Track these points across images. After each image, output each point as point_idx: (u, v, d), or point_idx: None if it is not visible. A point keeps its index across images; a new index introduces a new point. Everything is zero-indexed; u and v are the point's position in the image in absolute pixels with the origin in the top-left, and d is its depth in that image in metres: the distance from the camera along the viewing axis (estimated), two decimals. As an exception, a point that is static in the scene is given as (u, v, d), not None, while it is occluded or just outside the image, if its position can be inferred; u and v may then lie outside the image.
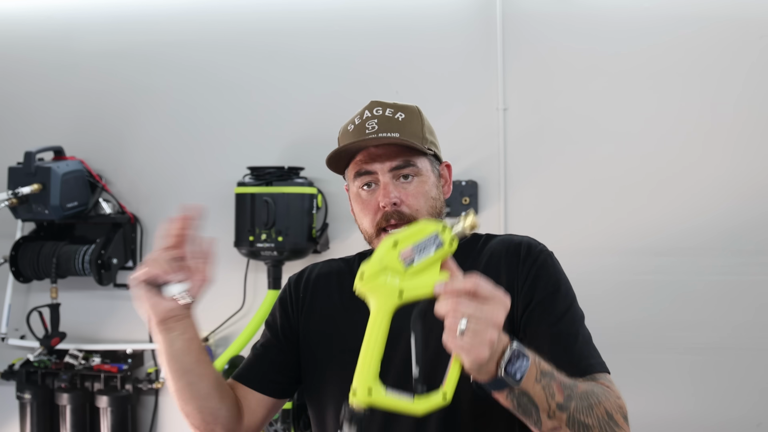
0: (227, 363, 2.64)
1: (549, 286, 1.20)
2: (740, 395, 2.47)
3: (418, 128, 1.26)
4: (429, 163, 1.26)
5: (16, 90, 3.00)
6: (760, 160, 2.47)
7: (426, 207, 1.23)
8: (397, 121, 1.24)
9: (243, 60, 2.82)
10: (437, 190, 1.27)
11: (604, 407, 1.03)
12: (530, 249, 1.24)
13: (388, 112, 1.26)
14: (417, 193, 1.23)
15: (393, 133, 1.22)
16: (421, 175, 1.24)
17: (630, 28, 2.55)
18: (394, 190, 1.21)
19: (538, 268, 1.22)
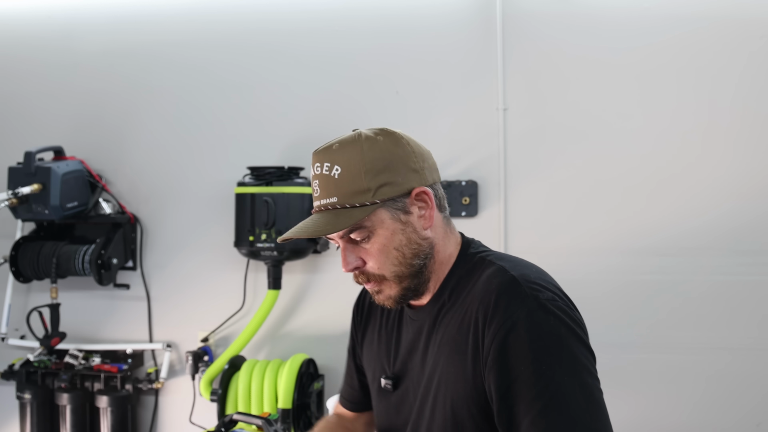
0: (227, 363, 2.64)
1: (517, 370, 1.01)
2: (740, 395, 2.47)
3: (359, 180, 1.12)
4: (384, 211, 1.12)
5: (16, 90, 3.00)
6: (760, 160, 2.47)
7: (389, 261, 1.14)
8: (333, 180, 1.14)
9: (243, 59, 2.82)
10: (402, 235, 1.13)
11: None
12: (492, 312, 1.05)
13: (325, 169, 1.16)
14: (374, 252, 1.14)
15: (331, 198, 1.13)
16: (375, 231, 1.13)
17: (630, 27, 2.55)
18: (351, 254, 1.15)
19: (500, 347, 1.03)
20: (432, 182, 1.19)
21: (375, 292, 1.18)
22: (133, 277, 2.89)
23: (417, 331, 1.21)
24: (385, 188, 1.12)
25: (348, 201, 1.12)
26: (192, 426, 2.79)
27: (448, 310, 1.15)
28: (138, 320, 2.88)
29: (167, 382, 2.84)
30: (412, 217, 1.15)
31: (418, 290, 1.17)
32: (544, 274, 1.13)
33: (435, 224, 1.17)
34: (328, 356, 2.73)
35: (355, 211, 1.11)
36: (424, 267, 1.16)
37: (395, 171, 1.14)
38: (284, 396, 2.48)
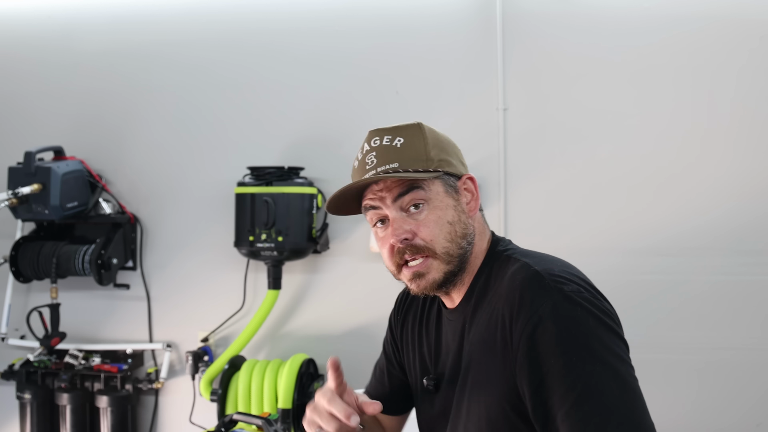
0: (227, 363, 2.64)
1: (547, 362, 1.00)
2: (740, 395, 2.47)
3: (421, 149, 1.14)
4: (441, 184, 1.14)
5: (16, 90, 3.00)
6: (761, 160, 2.47)
7: (442, 234, 1.13)
8: (395, 149, 1.15)
9: (243, 59, 2.82)
10: (455, 211, 1.14)
11: None
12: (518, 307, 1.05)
13: (385, 141, 1.18)
14: (428, 221, 1.12)
15: (392, 164, 1.13)
16: (431, 201, 1.13)
17: (630, 27, 2.55)
18: (403, 224, 1.13)
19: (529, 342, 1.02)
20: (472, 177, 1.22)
21: (418, 275, 1.15)
22: (133, 277, 2.89)
23: (454, 332, 1.21)
24: (444, 162, 1.15)
25: (410, 165, 1.13)
26: (192, 426, 2.79)
27: (477, 309, 1.15)
28: (138, 320, 2.88)
29: (167, 382, 2.84)
30: (462, 199, 1.17)
31: (456, 278, 1.16)
32: (569, 267, 1.11)
33: (475, 217, 1.19)
34: (328, 356, 2.69)
35: (417, 174, 1.12)
36: (468, 253, 1.16)
37: (451, 155, 1.18)
38: (284, 396, 2.48)
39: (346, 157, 2.73)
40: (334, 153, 2.74)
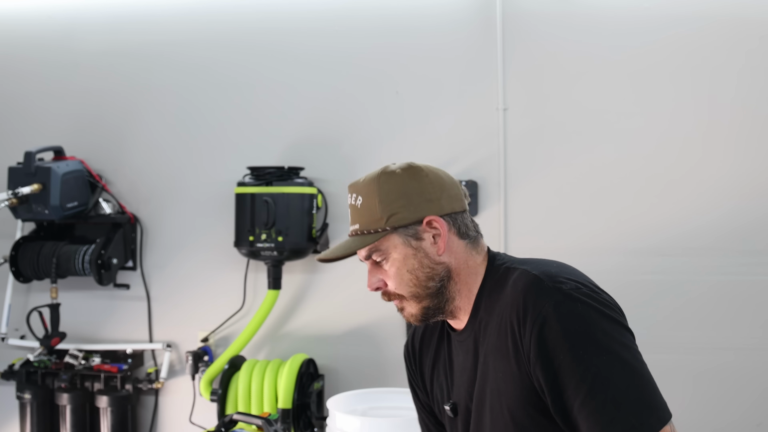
0: (227, 363, 2.64)
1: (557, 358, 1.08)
2: (740, 395, 2.47)
3: (373, 209, 1.25)
4: (396, 236, 1.23)
5: (16, 89, 3.00)
6: (761, 160, 2.47)
7: (404, 282, 1.24)
8: (357, 209, 1.29)
9: (243, 59, 2.82)
10: (414, 259, 1.22)
11: None
12: (523, 312, 1.12)
13: (352, 199, 1.30)
14: (391, 274, 1.25)
15: (355, 225, 1.28)
16: (390, 255, 1.24)
17: (630, 27, 2.55)
18: (372, 277, 1.28)
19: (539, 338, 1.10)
20: (450, 211, 1.26)
21: (399, 309, 1.28)
22: (133, 277, 2.89)
23: (466, 351, 1.28)
24: (395, 217, 1.23)
25: (366, 228, 1.26)
26: (192, 426, 2.79)
27: (486, 323, 1.22)
28: (138, 320, 2.88)
29: (167, 382, 2.84)
30: (425, 243, 1.23)
31: (441, 309, 1.26)
32: (566, 268, 1.19)
33: (453, 249, 1.25)
34: (328, 356, 2.73)
35: (369, 237, 1.25)
36: (443, 288, 1.24)
37: (408, 201, 1.24)
38: (284, 396, 2.48)
39: (346, 157, 2.74)
40: (334, 153, 2.74)
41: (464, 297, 1.26)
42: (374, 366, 2.70)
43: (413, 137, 2.69)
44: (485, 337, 1.22)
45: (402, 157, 2.75)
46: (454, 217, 1.26)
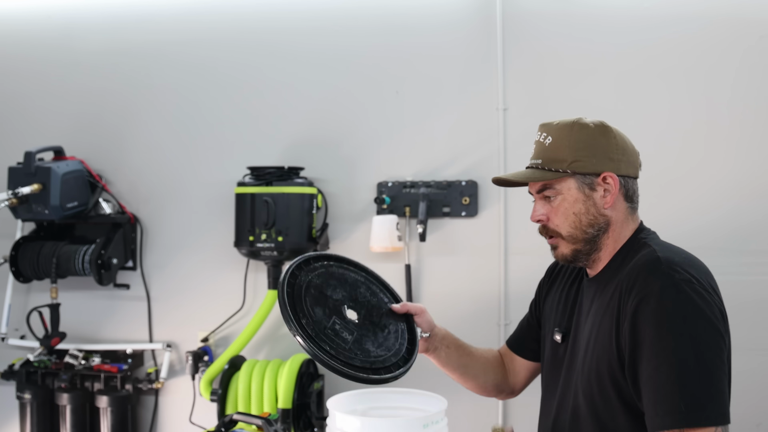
0: (227, 363, 2.64)
1: (645, 330, 1.24)
2: (740, 395, 2.46)
3: (562, 149, 1.40)
4: (574, 181, 1.40)
5: (16, 89, 3.00)
6: (761, 160, 2.47)
7: (567, 223, 1.41)
8: (544, 146, 1.43)
9: (243, 59, 2.82)
10: (583, 205, 1.40)
11: None
12: (637, 280, 1.28)
13: (541, 137, 1.45)
14: (558, 211, 1.42)
15: (538, 160, 1.43)
16: (562, 194, 1.41)
17: (630, 27, 2.55)
18: (540, 209, 1.46)
19: (638, 310, 1.26)
20: (625, 174, 1.43)
21: (552, 247, 1.46)
22: (133, 277, 2.88)
23: (588, 297, 1.46)
24: (577, 163, 1.39)
25: (548, 164, 1.41)
26: (192, 426, 2.79)
27: (609, 281, 1.39)
28: (138, 320, 2.88)
29: (167, 382, 2.84)
30: (596, 194, 1.40)
31: (589, 255, 1.43)
32: (692, 261, 1.35)
33: (616, 207, 1.41)
34: (328, 356, 2.73)
35: (550, 174, 1.41)
36: (597, 237, 1.41)
37: (593, 154, 1.39)
38: (284, 396, 2.48)
39: (346, 157, 2.74)
40: (334, 153, 2.74)
41: (607, 252, 1.42)
42: (374, 366, 2.70)
43: (413, 137, 2.69)
44: (603, 293, 1.38)
45: (402, 156, 2.77)
46: (627, 180, 1.43)
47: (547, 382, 1.55)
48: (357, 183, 2.72)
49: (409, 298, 2.64)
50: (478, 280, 2.63)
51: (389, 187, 2.68)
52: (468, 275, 2.64)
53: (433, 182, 2.65)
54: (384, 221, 2.59)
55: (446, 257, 2.66)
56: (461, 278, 2.64)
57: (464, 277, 2.64)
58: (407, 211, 2.64)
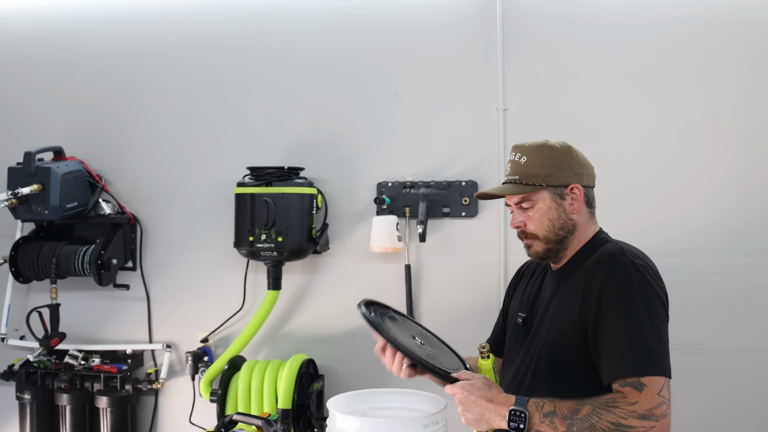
0: (227, 363, 2.64)
1: (607, 301, 1.49)
2: (740, 395, 2.47)
3: (536, 166, 1.65)
4: (547, 192, 1.65)
5: (16, 90, 3.00)
6: (760, 160, 2.47)
7: (542, 227, 1.65)
8: (520, 164, 1.67)
9: (243, 59, 2.82)
10: (555, 212, 1.65)
11: (607, 421, 1.39)
12: (602, 265, 1.54)
13: (516, 156, 1.69)
14: (536, 217, 1.66)
15: (515, 176, 1.67)
16: (537, 203, 1.65)
17: (630, 27, 2.55)
18: (518, 216, 1.69)
19: (602, 285, 1.51)
20: (587, 184, 1.70)
21: (527, 246, 1.69)
22: (133, 278, 2.88)
23: (551, 286, 1.71)
24: (550, 177, 1.65)
25: (525, 180, 1.66)
26: (192, 426, 2.79)
27: (574, 270, 1.64)
28: (138, 321, 2.88)
29: (167, 382, 2.84)
30: (565, 202, 1.66)
31: (557, 253, 1.67)
32: (644, 255, 1.59)
33: (581, 213, 1.68)
34: (328, 356, 2.73)
35: (528, 187, 1.65)
36: (565, 238, 1.66)
37: (561, 169, 1.66)
38: (284, 396, 2.47)
39: (346, 158, 2.74)
40: (334, 153, 2.74)
41: (572, 249, 1.68)
42: (374, 366, 2.69)
43: (413, 137, 2.69)
44: (568, 279, 1.64)
45: (402, 157, 2.77)
46: (588, 190, 1.71)
47: (509, 359, 1.78)
48: (357, 183, 2.72)
49: (409, 299, 2.64)
50: (478, 280, 2.62)
51: (389, 187, 2.68)
52: (468, 275, 2.64)
53: (433, 182, 2.65)
54: (384, 221, 2.58)
55: (446, 257, 2.66)
56: (461, 278, 2.64)
57: (464, 277, 2.64)
58: (407, 211, 2.64)
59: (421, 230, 2.53)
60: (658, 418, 1.39)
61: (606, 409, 1.40)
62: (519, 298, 1.85)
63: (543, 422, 1.42)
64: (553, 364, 1.60)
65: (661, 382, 1.43)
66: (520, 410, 1.44)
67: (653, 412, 1.39)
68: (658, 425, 1.39)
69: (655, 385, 1.41)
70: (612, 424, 1.38)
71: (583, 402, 1.42)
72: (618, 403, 1.40)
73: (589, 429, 1.39)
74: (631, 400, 1.40)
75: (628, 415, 1.39)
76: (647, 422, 1.39)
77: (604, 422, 1.39)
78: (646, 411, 1.39)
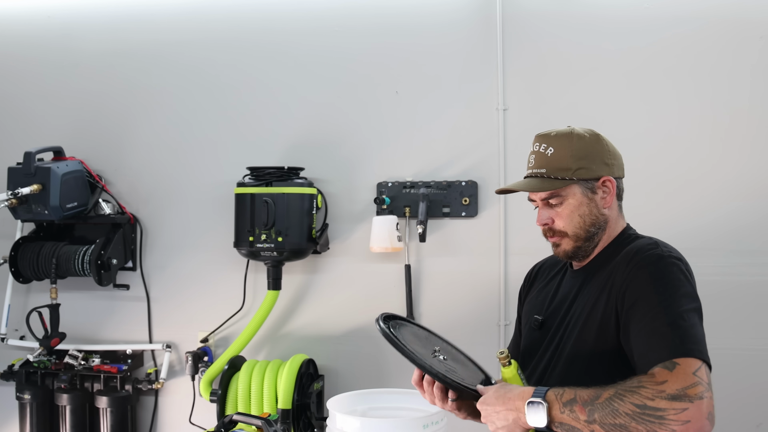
0: (227, 363, 2.64)
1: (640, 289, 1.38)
2: (740, 395, 2.47)
3: (565, 158, 1.52)
4: (578, 186, 1.52)
5: (16, 90, 3.00)
6: (760, 160, 2.47)
7: (572, 224, 1.53)
8: (546, 156, 1.54)
9: (243, 60, 2.82)
10: (587, 207, 1.52)
11: (630, 403, 1.23)
12: (634, 256, 1.44)
13: (541, 148, 1.55)
14: (563, 214, 1.53)
15: (541, 169, 1.54)
16: (567, 199, 1.52)
17: (630, 27, 2.55)
18: (545, 213, 1.55)
19: (634, 275, 1.40)
20: (618, 176, 1.57)
21: (555, 245, 1.57)
22: (133, 278, 2.88)
23: (572, 286, 1.58)
24: (581, 171, 1.51)
25: (553, 173, 1.52)
26: (192, 426, 2.79)
27: (601, 267, 1.52)
28: (138, 321, 2.88)
29: (167, 382, 2.84)
30: (597, 196, 1.53)
31: (587, 251, 1.55)
32: (678, 252, 1.47)
33: (612, 207, 1.56)
34: (328, 356, 2.73)
35: (557, 182, 1.51)
36: (596, 235, 1.54)
37: (592, 161, 1.53)
38: (284, 396, 2.47)
39: (346, 158, 2.74)
40: (334, 153, 2.74)
41: (600, 246, 1.56)
42: (374, 366, 2.70)
43: (413, 137, 2.69)
44: (595, 277, 1.51)
45: (402, 157, 2.77)
46: (619, 181, 1.58)
47: (527, 364, 1.64)
48: (357, 183, 2.72)
49: (409, 299, 2.64)
50: (478, 280, 2.63)
51: (389, 187, 2.68)
52: (468, 275, 2.64)
53: (433, 182, 2.65)
54: (384, 222, 2.58)
55: (446, 257, 2.66)
56: (461, 278, 2.64)
57: (464, 278, 2.64)
58: (407, 211, 2.64)
59: (421, 230, 2.53)
60: (692, 398, 1.20)
61: (630, 391, 1.24)
62: (533, 301, 1.72)
63: (563, 412, 1.28)
64: (577, 368, 1.47)
65: (698, 364, 1.28)
66: (537, 401, 1.31)
67: (686, 392, 1.21)
68: (692, 407, 1.20)
69: (689, 364, 1.26)
70: (636, 407, 1.22)
71: (606, 387, 1.28)
72: (644, 383, 1.24)
73: (611, 414, 1.24)
74: (660, 380, 1.24)
75: (655, 396, 1.21)
76: (678, 403, 1.20)
77: (628, 405, 1.22)
78: (677, 391, 1.21)
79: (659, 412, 1.20)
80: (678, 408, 1.20)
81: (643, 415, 1.21)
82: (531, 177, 1.56)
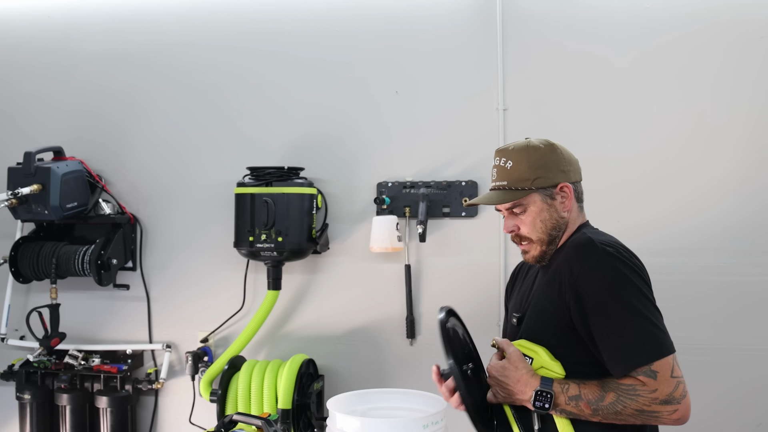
0: (227, 363, 2.64)
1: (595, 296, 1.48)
2: (740, 395, 2.47)
3: (523, 170, 1.62)
4: (538, 194, 1.62)
5: (16, 90, 3.00)
6: (759, 160, 2.47)
7: (536, 230, 1.63)
8: (506, 170, 1.65)
9: (243, 60, 2.82)
10: (547, 213, 1.63)
11: (632, 408, 1.44)
12: (574, 261, 1.53)
13: (501, 162, 1.66)
14: (528, 221, 1.64)
15: (503, 182, 1.65)
16: (529, 208, 1.63)
17: (630, 27, 2.55)
18: (510, 222, 1.67)
19: (581, 283, 1.50)
20: (574, 180, 1.67)
21: (524, 251, 1.68)
22: (133, 278, 2.88)
23: (538, 281, 1.69)
24: (539, 180, 1.62)
25: (514, 185, 1.63)
26: (192, 426, 2.79)
27: (551, 264, 1.64)
28: (138, 321, 2.88)
29: (167, 382, 2.84)
30: (556, 202, 1.64)
31: (550, 253, 1.65)
32: (616, 241, 1.58)
33: (571, 209, 1.66)
34: (328, 356, 2.73)
35: (518, 192, 1.63)
36: (557, 237, 1.65)
37: (549, 170, 1.63)
38: (284, 396, 2.47)
39: (345, 158, 2.74)
40: (334, 153, 2.74)
41: (560, 244, 1.66)
42: (374, 366, 2.70)
43: (413, 137, 2.69)
44: (547, 272, 1.64)
45: (402, 157, 2.77)
46: (576, 185, 1.68)
47: None
48: (357, 183, 2.72)
49: (409, 299, 2.64)
50: (478, 280, 2.63)
51: (389, 187, 2.68)
52: (468, 275, 2.64)
53: (433, 182, 2.65)
54: (384, 222, 2.58)
55: (446, 257, 2.66)
56: (461, 278, 2.64)
57: (464, 277, 2.64)
58: (407, 211, 2.64)
59: (421, 230, 2.53)
60: (679, 400, 1.43)
61: (629, 397, 1.45)
62: (514, 298, 1.84)
63: (569, 404, 1.48)
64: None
65: (670, 362, 1.46)
66: (546, 391, 1.48)
67: (673, 395, 1.43)
68: (681, 406, 1.43)
69: (665, 368, 1.45)
70: (636, 411, 1.44)
71: (605, 387, 1.47)
72: (639, 392, 1.44)
73: (614, 415, 1.45)
74: (651, 388, 1.44)
75: (651, 402, 1.43)
76: (670, 406, 1.43)
77: (629, 410, 1.44)
78: (667, 396, 1.43)
79: (655, 413, 1.44)
80: (670, 409, 1.43)
81: (642, 415, 1.45)
82: (495, 189, 1.68)
